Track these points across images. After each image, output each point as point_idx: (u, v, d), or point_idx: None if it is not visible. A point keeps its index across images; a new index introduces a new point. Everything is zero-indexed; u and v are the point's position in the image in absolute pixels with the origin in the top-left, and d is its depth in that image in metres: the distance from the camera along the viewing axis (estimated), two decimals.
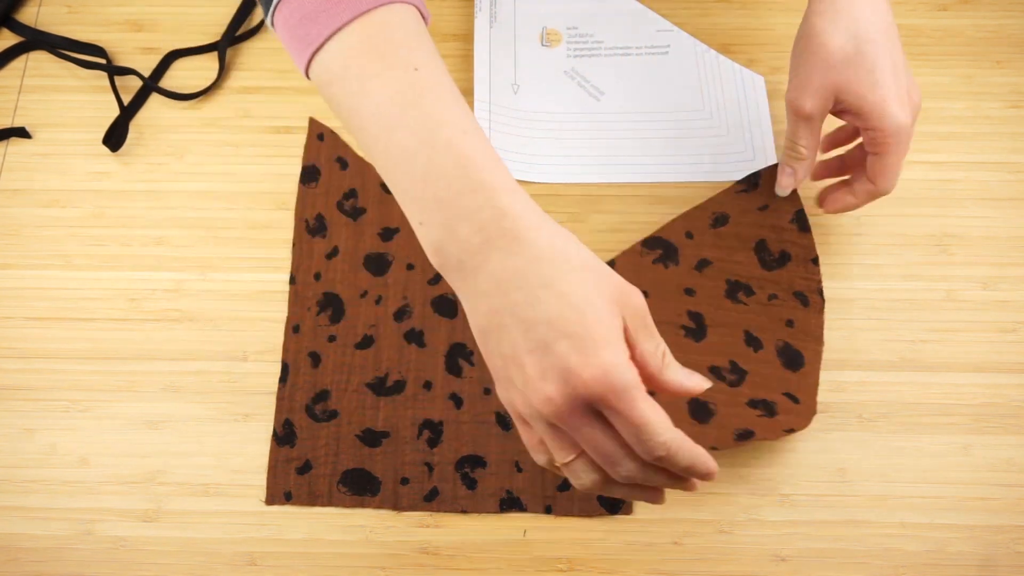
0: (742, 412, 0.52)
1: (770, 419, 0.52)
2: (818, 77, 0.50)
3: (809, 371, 0.54)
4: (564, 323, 0.35)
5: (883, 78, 0.48)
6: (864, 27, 0.49)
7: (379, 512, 0.53)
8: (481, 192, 0.37)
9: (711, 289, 0.56)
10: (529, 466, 0.53)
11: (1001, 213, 0.61)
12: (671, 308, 0.56)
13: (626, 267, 0.57)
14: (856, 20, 0.49)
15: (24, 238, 0.60)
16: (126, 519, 0.52)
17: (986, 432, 0.54)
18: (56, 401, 0.55)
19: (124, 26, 0.68)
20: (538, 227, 0.36)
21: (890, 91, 0.49)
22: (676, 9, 0.68)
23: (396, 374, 0.56)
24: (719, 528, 0.52)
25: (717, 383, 0.53)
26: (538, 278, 0.35)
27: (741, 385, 0.54)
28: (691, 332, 0.55)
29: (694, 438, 0.50)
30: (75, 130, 0.64)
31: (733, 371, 0.54)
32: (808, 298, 0.56)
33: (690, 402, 0.53)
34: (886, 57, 0.49)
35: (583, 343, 0.34)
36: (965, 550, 0.51)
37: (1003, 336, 0.57)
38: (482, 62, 0.65)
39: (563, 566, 0.51)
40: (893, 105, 0.49)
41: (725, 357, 0.55)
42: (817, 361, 0.55)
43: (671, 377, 0.39)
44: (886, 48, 0.49)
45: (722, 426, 0.52)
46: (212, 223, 0.61)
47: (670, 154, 0.63)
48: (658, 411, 0.36)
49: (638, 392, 0.35)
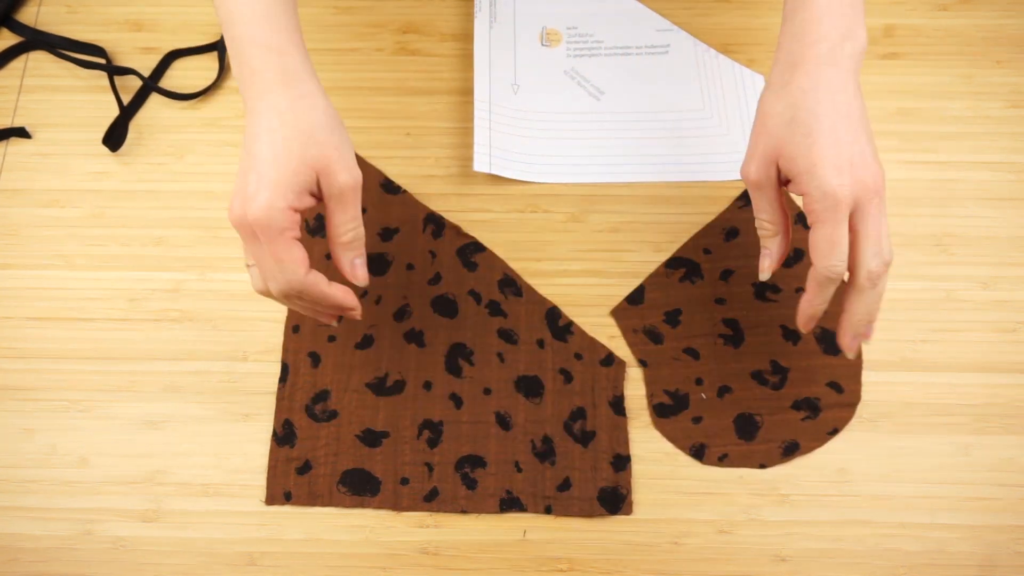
0: (787, 418, 0.54)
1: (815, 421, 0.54)
2: (760, 144, 0.49)
3: None
4: (256, 163, 0.45)
5: (819, 142, 0.47)
6: (808, 99, 0.48)
7: (379, 512, 0.53)
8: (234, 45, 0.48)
9: (740, 295, 0.58)
10: (529, 466, 0.53)
11: (1001, 213, 0.61)
12: (707, 320, 0.57)
13: (655, 289, 0.58)
14: (804, 92, 0.48)
15: (24, 238, 0.60)
16: (126, 519, 0.52)
17: (986, 432, 0.54)
18: (56, 401, 0.55)
19: (124, 26, 0.68)
20: (264, 92, 0.46)
21: (825, 155, 0.46)
22: (676, 9, 0.68)
23: (396, 374, 0.56)
24: (719, 528, 0.52)
25: (760, 390, 0.55)
26: (254, 128, 0.46)
27: (784, 386, 0.55)
28: (730, 339, 0.56)
29: (743, 458, 0.53)
30: (75, 130, 0.64)
31: (775, 371, 0.55)
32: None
33: (735, 419, 0.54)
34: (826, 124, 0.47)
35: (259, 182, 0.44)
36: (965, 550, 0.51)
37: (1003, 336, 0.57)
38: (482, 62, 0.65)
39: (563, 566, 0.51)
40: (825, 169, 0.46)
41: (766, 358, 0.56)
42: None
43: (341, 255, 0.48)
44: (830, 118, 0.47)
45: (768, 440, 0.54)
46: (212, 223, 0.61)
47: (670, 154, 0.63)
48: (295, 254, 0.45)
49: (282, 234, 0.44)
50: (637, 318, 0.57)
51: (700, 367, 0.56)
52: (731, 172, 0.62)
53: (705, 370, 0.56)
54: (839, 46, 0.48)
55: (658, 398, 0.55)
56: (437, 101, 0.65)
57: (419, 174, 0.62)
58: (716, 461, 0.54)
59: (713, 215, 0.61)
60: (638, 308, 0.58)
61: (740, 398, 0.55)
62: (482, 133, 0.62)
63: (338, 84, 0.66)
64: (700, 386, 0.55)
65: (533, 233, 0.60)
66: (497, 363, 0.56)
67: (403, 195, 0.61)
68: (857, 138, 0.47)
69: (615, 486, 0.53)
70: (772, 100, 0.49)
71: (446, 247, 0.59)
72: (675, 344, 0.57)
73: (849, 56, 0.48)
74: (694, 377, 0.56)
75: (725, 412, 0.55)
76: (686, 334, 0.57)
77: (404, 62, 0.67)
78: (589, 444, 0.54)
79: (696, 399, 0.55)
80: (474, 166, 0.61)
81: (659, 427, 0.54)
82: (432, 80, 0.66)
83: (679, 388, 0.55)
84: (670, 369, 0.56)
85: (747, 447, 0.54)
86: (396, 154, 0.63)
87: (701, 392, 0.55)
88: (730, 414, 0.55)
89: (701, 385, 0.55)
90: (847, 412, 0.55)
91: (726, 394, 0.55)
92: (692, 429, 0.54)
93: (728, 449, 0.54)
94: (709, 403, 0.55)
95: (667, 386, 0.55)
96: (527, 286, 0.58)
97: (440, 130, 0.64)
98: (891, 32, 0.67)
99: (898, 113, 0.64)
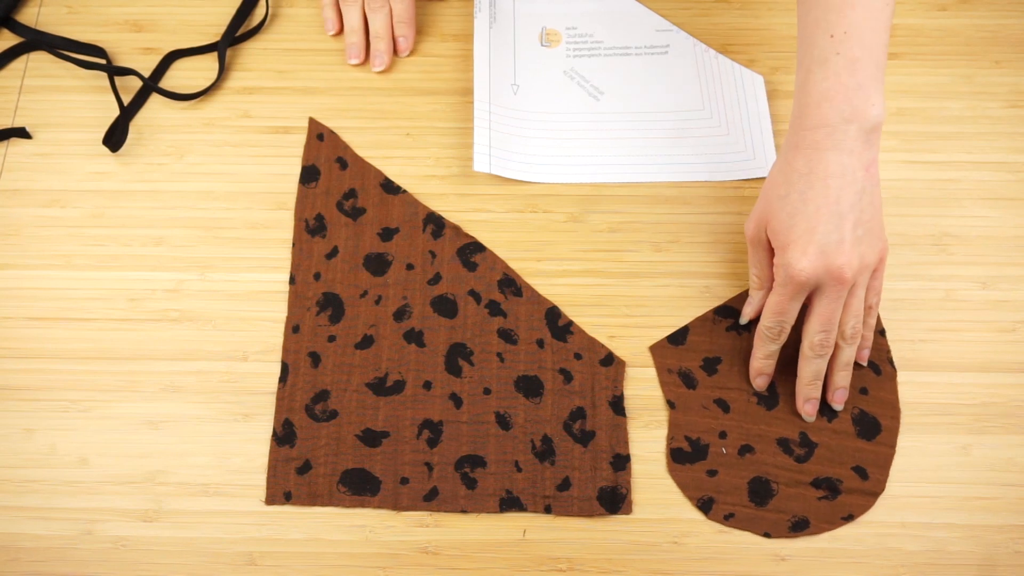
0: (804, 493, 0.52)
1: (831, 503, 0.52)
2: (760, 208, 0.53)
3: (885, 441, 0.54)
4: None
5: (797, 226, 0.50)
6: (803, 182, 0.50)
7: (379, 512, 0.53)
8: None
9: (784, 357, 0.55)
10: (529, 466, 0.53)
11: (1000, 213, 0.61)
12: (745, 375, 0.56)
13: (700, 333, 0.57)
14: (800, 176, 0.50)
15: (24, 238, 0.60)
16: (126, 519, 0.52)
17: (986, 432, 0.54)
18: (56, 401, 0.55)
19: (124, 27, 0.68)
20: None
21: (798, 240, 0.50)
22: (675, 9, 0.68)
23: (396, 374, 0.56)
24: (719, 528, 0.52)
25: (784, 458, 0.53)
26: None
27: (808, 460, 0.53)
28: (764, 400, 0.55)
29: (749, 521, 0.52)
30: (75, 130, 0.64)
31: (803, 444, 0.54)
32: (880, 367, 0.56)
33: (751, 481, 0.53)
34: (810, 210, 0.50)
35: None
36: (965, 550, 0.51)
37: (1003, 336, 0.57)
38: (482, 62, 0.65)
39: (563, 566, 0.51)
40: (793, 251, 0.50)
41: (796, 428, 0.54)
42: (895, 433, 0.54)
43: None
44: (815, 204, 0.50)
45: (780, 510, 0.52)
46: (212, 223, 0.61)
47: (670, 154, 0.63)
48: None
49: None
50: (675, 358, 0.56)
51: (727, 421, 0.54)
52: (730, 172, 0.62)
53: (731, 425, 0.54)
54: (840, 129, 0.49)
55: (678, 442, 0.54)
56: (437, 101, 0.65)
57: (419, 174, 0.62)
58: (721, 519, 0.52)
59: (713, 215, 0.61)
60: (678, 349, 0.56)
61: (760, 461, 0.53)
62: (482, 133, 0.62)
63: (338, 84, 0.66)
64: (723, 440, 0.54)
65: (533, 233, 0.60)
66: (497, 363, 0.56)
67: (403, 195, 0.61)
68: (839, 226, 0.50)
69: (615, 486, 0.53)
70: (777, 171, 0.53)
71: (446, 247, 0.60)
72: (707, 392, 0.55)
73: (855, 137, 0.49)
74: (719, 429, 0.54)
75: (742, 472, 0.53)
76: (721, 384, 0.55)
77: (404, 62, 0.67)
78: (589, 444, 0.54)
79: (716, 452, 0.53)
80: (474, 166, 0.61)
81: (672, 472, 0.53)
82: (432, 80, 0.66)
83: (701, 437, 0.54)
84: (697, 416, 0.54)
85: (756, 512, 0.52)
86: (396, 154, 0.63)
87: (722, 446, 0.54)
88: (747, 475, 0.53)
89: (724, 439, 0.54)
90: (867, 500, 0.52)
91: (747, 454, 0.53)
92: (704, 480, 0.53)
93: (736, 509, 0.52)
94: (728, 459, 0.53)
95: (689, 432, 0.54)
96: (527, 286, 0.58)
97: (440, 130, 0.64)
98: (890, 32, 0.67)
99: (897, 113, 0.64)
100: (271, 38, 0.68)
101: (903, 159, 0.62)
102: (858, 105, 0.49)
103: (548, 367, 0.56)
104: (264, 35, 0.68)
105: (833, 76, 0.49)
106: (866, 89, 0.49)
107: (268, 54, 0.67)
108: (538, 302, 0.58)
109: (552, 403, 0.55)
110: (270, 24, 0.69)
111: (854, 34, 0.49)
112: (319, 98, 0.65)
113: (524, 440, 0.54)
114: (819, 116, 0.50)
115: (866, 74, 0.49)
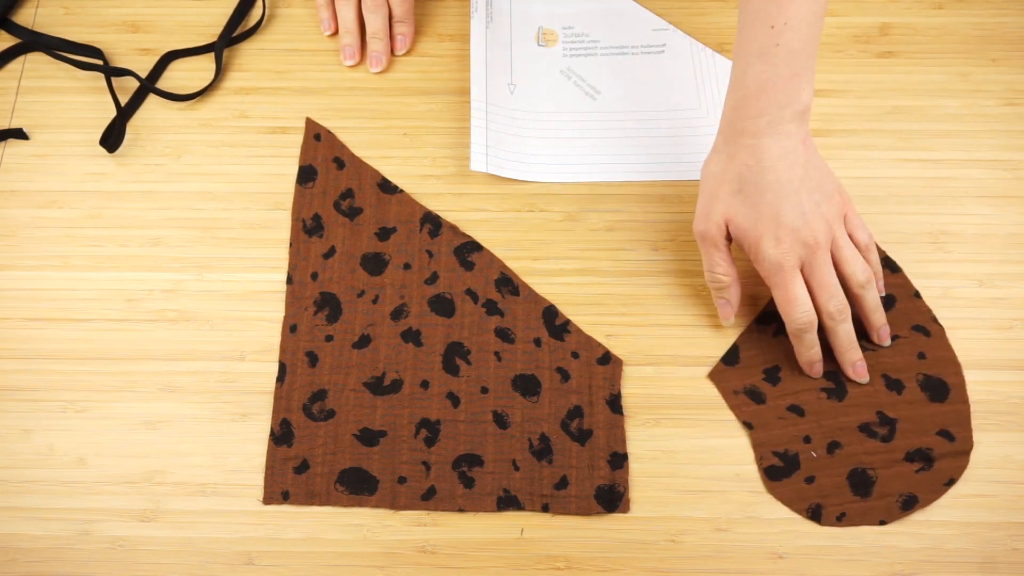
0: (902, 471, 0.52)
1: (929, 472, 0.52)
2: (713, 209, 0.54)
3: (957, 399, 0.54)
4: None
5: (762, 218, 0.52)
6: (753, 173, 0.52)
7: (377, 511, 0.53)
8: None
9: (823, 342, 0.55)
10: (526, 465, 0.53)
11: (997, 210, 0.61)
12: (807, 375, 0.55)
13: (749, 347, 0.56)
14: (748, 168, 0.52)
15: (21, 239, 0.60)
16: (124, 519, 0.52)
17: (984, 429, 0.54)
18: (53, 401, 0.55)
19: (121, 27, 0.68)
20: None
21: (767, 231, 0.52)
22: (672, 8, 0.68)
23: (393, 373, 0.56)
24: (717, 526, 0.52)
25: (871, 443, 0.53)
26: None
27: (894, 438, 0.53)
28: (833, 393, 0.55)
29: (861, 515, 0.51)
30: (72, 131, 0.64)
31: (883, 423, 0.54)
32: (928, 328, 0.56)
33: (848, 475, 0.52)
34: (768, 198, 0.51)
35: None
36: (963, 547, 0.51)
37: (1000, 333, 0.57)
38: (478, 62, 0.65)
39: (560, 564, 0.51)
40: (767, 243, 0.52)
41: (872, 410, 0.54)
42: (963, 387, 0.54)
43: None
44: (772, 191, 0.51)
45: (885, 495, 0.52)
46: (209, 223, 0.61)
47: (667, 153, 0.63)
48: None
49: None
50: (736, 379, 0.55)
51: (807, 424, 0.54)
52: None
53: (812, 427, 0.54)
54: (777, 116, 0.51)
55: (768, 460, 0.53)
56: (434, 101, 0.65)
57: (416, 174, 0.62)
58: (835, 521, 0.51)
59: None
60: (735, 368, 0.56)
61: (851, 453, 0.53)
62: (479, 133, 0.62)
63: (335, 84, 0.66)
64: (809, 444, 0.53)
65: (530, 232, 0.60)
66: (494, 362, 0.56)
67: (400, 195, 0.61)
68: (798, 202, 0.51)
69: (612, 484, 0.53)
70: (720, 167, 0.53)
71: (443, 246, 0.60)
72: (778, 402, 0.55)
73: (790, 120, 0.51)
74: (802, 435, 0.54)
75: (837, 469, 0.53)
76: (788, 391, 0.55)
77: (401, 62, 0.67)
78: (586, 442, 0.54)
79: (806, 458, 0.53)
80: (471, 166, 0.61)
81: (771, 490, 0.52)
82: (429, 80, 0.66)
83: (788, 448, 0.53)
84: (777, 429, 0.54)
85: (864, 504, 0.52)
86: (393, 154, 0.63)
87: (811, 450, 0.53)
88: (843, 471, 0.52)
89: (810, 443, 0.53)
90: (962, 460, 0.52)
91: (836, 450, 0.53)
92: (806, 490, 0.52)
93: (845, 507, 0.52)
94: (820, 461, 0.53)
95: (776, 447, 0.53)
96: (524, 285, 0.58)
97: (437, 130, 0.64)
98: (886, 30, 0.67)
99: (893, 111, 0.64)
100: (268, 38, 0.68)
101: (900, 157, 0.62)
102: (792, 93, 0.51)
103: (545, 366, 0.56)
104: (261, 35, 0.68)
105: (772, 68, 0.51)
106: (801, 78, 0.51)
107: (265, 54, 0.67)
108: (535, 301, 0.58)
109: (549, 402, 0.55)
110: (267, 24, 0.69)
111: (793, 25, 0.50)
112: (316, 98, 0.65)
113: (522, 439, 0.54)
114: (758, 107, 0.51)
115: (802, 64, 0.51)
